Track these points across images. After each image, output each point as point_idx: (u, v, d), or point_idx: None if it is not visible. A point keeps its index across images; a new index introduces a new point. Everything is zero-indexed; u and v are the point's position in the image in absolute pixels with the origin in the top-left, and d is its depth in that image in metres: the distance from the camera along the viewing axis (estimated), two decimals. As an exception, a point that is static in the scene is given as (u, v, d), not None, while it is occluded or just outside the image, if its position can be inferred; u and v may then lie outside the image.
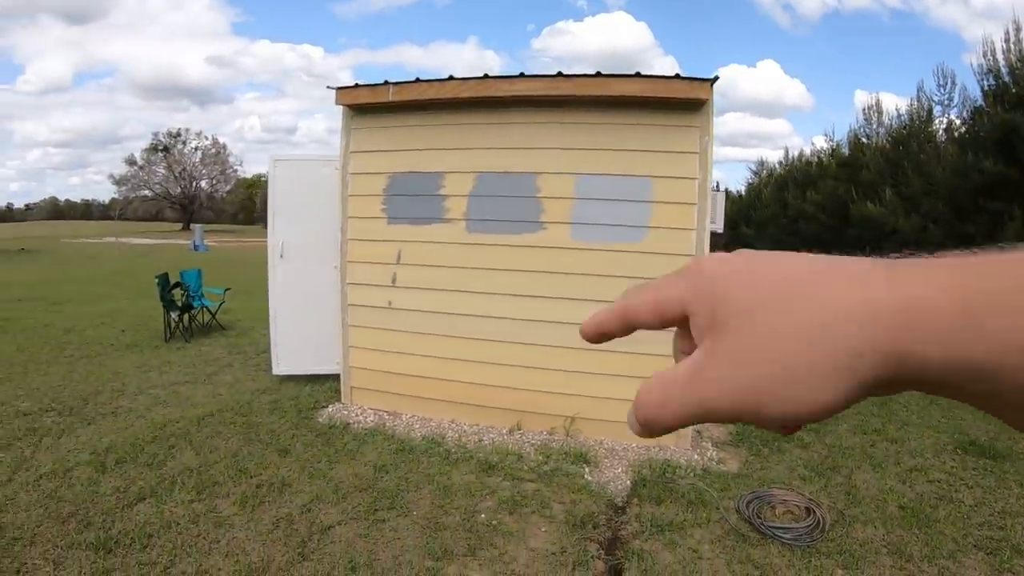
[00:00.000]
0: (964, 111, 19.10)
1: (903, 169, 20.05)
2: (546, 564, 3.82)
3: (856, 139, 25.15)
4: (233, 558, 3.72)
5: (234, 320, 11.46)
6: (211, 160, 69.09)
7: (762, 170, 39.42)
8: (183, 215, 69.03)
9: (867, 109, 25.71)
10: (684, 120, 5.39)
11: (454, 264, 5.96)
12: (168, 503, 4.33)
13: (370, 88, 5.96)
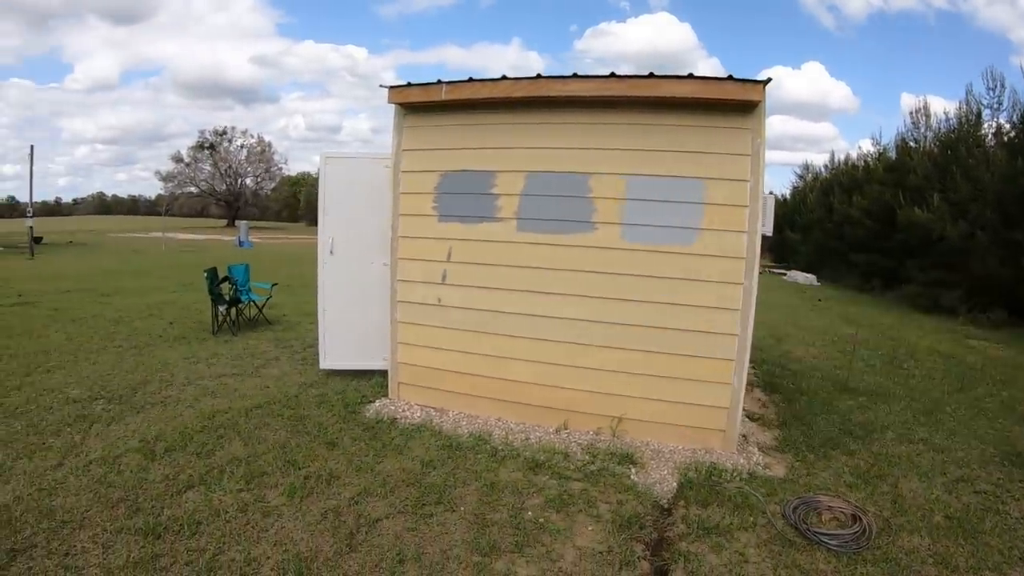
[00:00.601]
0: (1014, 115, 18.66)
1: (951, 174, 19.64)
2: (593, 563, 3.84)
3: (903, 143, 24.71)
4: (281, 547, 3.79)
5: (280, 315, 11.62)
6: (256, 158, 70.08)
7: (807, 174, 39.05)
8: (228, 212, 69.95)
9: (914, 112, 25.24)
10: (736, 122, 5.36)
11: (504, 263, 5.98)
12: (216, 491, 4.43)
13: (422, 87, 6.01)
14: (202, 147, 66.59)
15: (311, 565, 3.64)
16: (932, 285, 19.56)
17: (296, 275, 16.30)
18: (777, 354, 10.60)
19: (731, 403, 5.57)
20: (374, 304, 6.75)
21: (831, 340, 12.35)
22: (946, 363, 10.72)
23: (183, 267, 20.89)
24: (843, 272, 27.72)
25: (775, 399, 7.58)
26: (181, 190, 70.91)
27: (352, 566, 3.66)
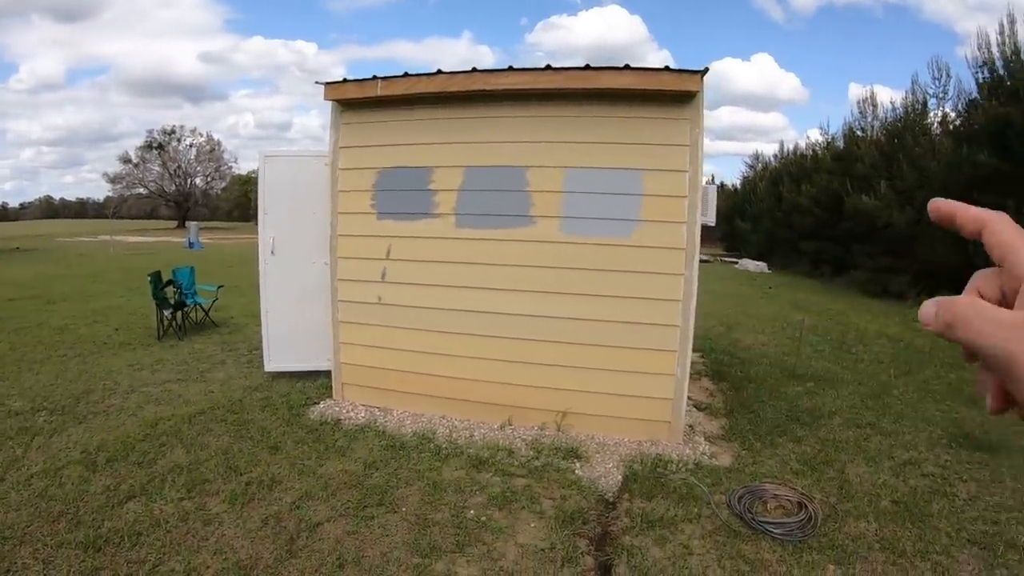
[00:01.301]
0: (959, 104, 19.10)
1: (897, 162, 20.03)
2: (535, 560, 3.80)
3: (851, 132, 25.18)
4: (221, 555, 3.70)
5: (228, 317, 11.41)
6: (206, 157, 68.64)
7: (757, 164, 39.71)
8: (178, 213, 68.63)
9: (862, 102, 25.69)
10: (674, 113, 5.35)
11: (443, 259, 5.92)
12: (158, 501, 4.31)
13: (358, 83, 5.91)
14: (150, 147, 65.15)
15: (251, 573, 3.56)
16: (880, 271, 19.97)
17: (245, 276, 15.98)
18: (726, 342, 10.67)
19: (675, 394, 5.56)
20: (317, 304, 6.64)
21: (780, 327, 12.49)
22: (894, 346, 10.89)
23: (131, 271, 20.42)
24: (793, 259, 28.25)
25: (723, 388, 7.62)
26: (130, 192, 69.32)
27: (292, 572, 3.59)
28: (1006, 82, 15.69)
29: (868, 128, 24.44)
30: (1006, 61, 15.98)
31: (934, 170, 17.94)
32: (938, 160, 17.86)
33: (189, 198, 69.42)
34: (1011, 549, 4.05)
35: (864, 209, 20.27)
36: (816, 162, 27.47)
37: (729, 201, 41.60)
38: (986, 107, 15.67)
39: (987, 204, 2.06)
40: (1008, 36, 15.81)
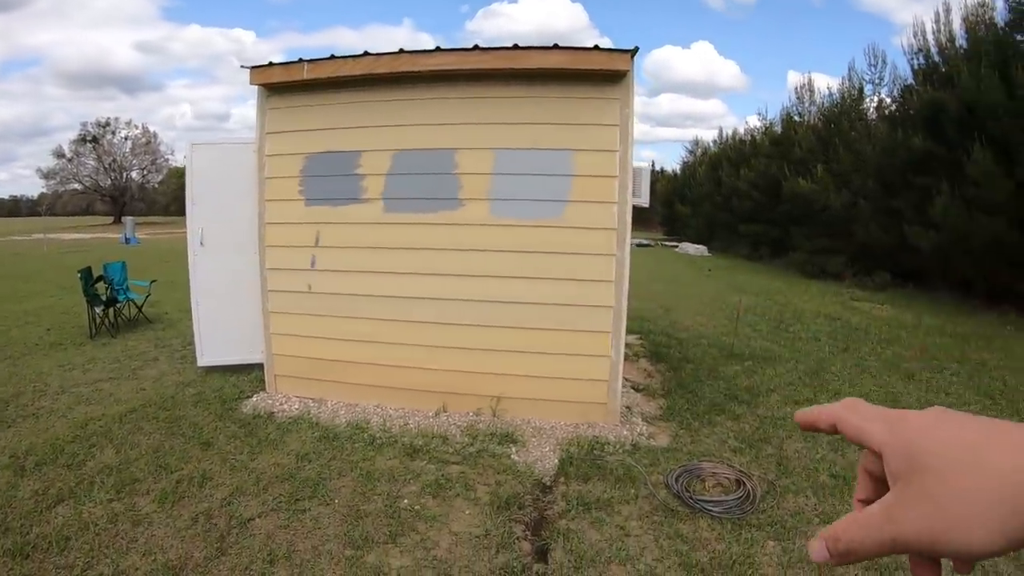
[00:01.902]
0: (894, 90, 19.70)
1: (834, 146, 20.52)
2: (469, 548, 3.75)
3: (788, 118, 25.78)
4: (151, 557, 3.58)
5: (162, 313, 11.13)
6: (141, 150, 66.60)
7: (697, 149, 40.41)
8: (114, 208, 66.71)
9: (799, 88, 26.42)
10: (604, 92, 5.31)
11: (373, 245, 5.81)
12: (87, 504, 4.16)
13: (284, 66, 5.75)
14: (84, 140, 62.97)
15: (180, 573, 3.45)
16: (818, 252, 20.46)
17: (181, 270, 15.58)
18: (665, 324, 10.76)
19: (611, 375, 5.55)
20: (250, 296, 6.46)
21: (719, 308, 12.68)
22: (832, 325, 11.11)
23: (65, 269, 19.76)
24: (733, 242, 28.86)
25: (661, 369, 7.66)
26: (64, 187, 67.05)
27: (222, 571, 3.48)
28: (941, 68, 16.19)
29: (805, 113, 25.07)
30: (941, 48, 16.47)
31: (870, 154, 18.38)
32: (874, 144, 18.31)
33: (125, 192, 67.43)
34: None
35: (801, 192, 20.74)
36: (755, 147, 28.05)
37: (669, 186, 42.30)
38: (921, 92, 16.11)
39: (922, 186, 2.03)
40: (944, 24, 16.34)
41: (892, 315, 12.63)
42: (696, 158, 39.54)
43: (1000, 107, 13.01)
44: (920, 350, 8.71)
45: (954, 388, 7.17)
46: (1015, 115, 12.75)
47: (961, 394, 6.92)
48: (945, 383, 7.37)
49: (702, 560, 3.64)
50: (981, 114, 13.57)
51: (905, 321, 11.86)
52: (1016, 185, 12.79)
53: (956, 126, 14.35)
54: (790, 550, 3.74)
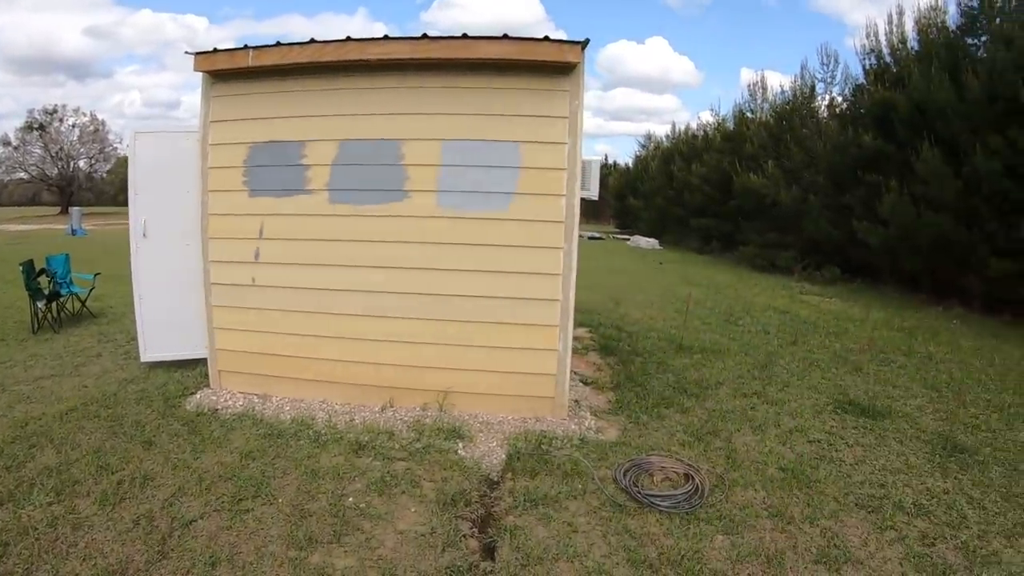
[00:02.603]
0: (846, 89, 20.24)
1: (785, 143, 20.90)
2: (415, 546, 3.69)
3: (741, 114, 26.25)
4: (91, 561, 3.47)
5: (107, 307, 10.82)
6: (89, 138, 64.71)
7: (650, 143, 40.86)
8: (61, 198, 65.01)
9: (752, 85, 26.88)
10: (554, 84, 5.28)
11: (317, 237, 5.71)
12: (26, 507, 4.00)
13: (229, 53, 5.60)
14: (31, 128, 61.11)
15: None
16: (768, 246, 20.85)
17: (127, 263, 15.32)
18: (615, 317, 10.81)
19: (558, 369, 5.54)
20: (194, 288, 6.28)
21: (669, 301, 12.80)
22: (781, 318, 11.26)
23: (8, 262, 19.10)
24: (684, 236, 29.35)
25: (610, 362, 7.68)
26: (9, 176, 65.01)
27: (163, 575, 3.38)
28: (892, 69, 16.67)
29: (758, 110, 25.55)
30: (893, 49, 16.93)
31: (820, 151, 18.77)
32: (824, 142, 18.69)
33: (72, 182, 65.64)
34: (899, 511, 4.19)
35: (752, 187, 21.11)
36: (707, 142, 28.54)
37: (622, 179, 42.73)
38: (872, 92, 16.56)
39: (871, 183, 2.03)
40: (896, 26, 16.83)
41: (840, 309, 12.85)
42: (649, 152, 39.99)
43: (949, 108, 13.39)
44: (868, 343, 8.86)
45: (901, 381, 7.29)
46: (964, 116, 13.12)
47: (908, 387, 7.04)
48: (892, 376, 7.50)
49: (651, 555, 3.63)
50: (931, 114, 13.95)
51: (853, 315, 12.08)
52: (963, 184, 13.15)
53: (906, 125, 14.73)
54: (739, 544, 3.76)
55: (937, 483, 4.61)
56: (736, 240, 23.66)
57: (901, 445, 5.30)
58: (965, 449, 5.21)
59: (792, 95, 22.73)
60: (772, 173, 20.51)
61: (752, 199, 21.48)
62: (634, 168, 42.49)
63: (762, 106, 25.27)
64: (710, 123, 30.09)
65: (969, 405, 6.42)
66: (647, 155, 39.73)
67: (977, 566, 3.60)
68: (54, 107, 62.91)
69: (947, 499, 4.36)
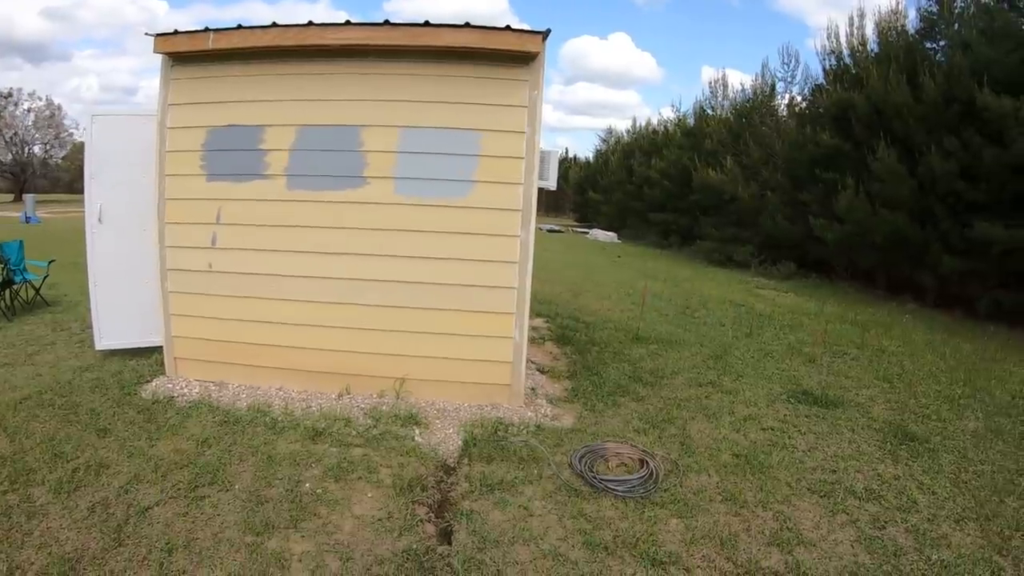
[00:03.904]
0: (805, 88, 20.65)
1: (744, 140, 21.22)
2: (372, 531, 3.72)
3: (701, 111, 26.62)
4: (46, 549, 3.42)
5: (61, 295, 10.61)
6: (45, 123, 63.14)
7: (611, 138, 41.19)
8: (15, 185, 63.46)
9: (713, 83, 27.34)
10: (514, 73, 5.31)
11: (275, 222, 5.68)
12: None
13: (189, 35, 5.54)
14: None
15: (76, 566, 3.30)
16: (726, 241, 21.19)
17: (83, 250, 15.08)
18: (572, 308, 10.89)
19: (514, 357, 5.60)
20: (150, 275, 6.20)
21: (627, 293, 12.92)
22: (736, 311, 11.44)
23: (-44, 248, 18.83)
24: (643, 230, 29.68)
25: (567, 351, 7.75)
26: (-38, 162, 63.71)
27: (119, 562, 3.34)
28: (851, 70, 17.07)
29: (718, 107, 25.93)
30: (853, 50, 17.32)
31: (779, 148, 19.09)
32: (783, 139, 19.02)
33: (27, 168, 64.07)
34: (850, 495, 4.30)
35: (711, 183, 21.42)
36: (667, 138, 28.97)
37: (582, 173, 42.95)
38: (831, 92, 16.91)
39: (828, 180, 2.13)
40: (857, 28, 17.25)
41: (796, 303, 13.10)
42: (610, 146, 40.33)
43: (906, 109, 13.70)
44: (822, 336, 9.03)
45: (854, 372, 7.46)
46: (920, 117, 13.46)
47: (861, 378, 7.21)
48: (845, 367, 7.67)
49: (606, 538, 3.70)
50: (888, 115, 14.30)
51: (808, 309, 12.31)
52: (918, 183, 13.49)
53: (863, 125, 15.08)
54: (693, 527, 3.84)
55: (888, 469, 4.74)
56: (695, 235, 23.98)
57: (853, 433, 5.44)
58: (916, 437, 5.36)
59: (752, 93, 23.09)
60: (731, 169, 20.80)
61: (711, 195, 21.78)
62: (594, 162, 42.81)
63: (723, 103, 25.63)
64: (671, 119, 30.52)
65: (920, 396, 6.59)
66: (608, 149, 40.07)
67: (927, 548, 3.71)
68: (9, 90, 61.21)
69: (898, 484, 4.49)
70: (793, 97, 21.63)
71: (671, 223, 26.48)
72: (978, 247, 12.27)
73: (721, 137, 22.75)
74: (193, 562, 3.37)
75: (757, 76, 23.04)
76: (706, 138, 23.66)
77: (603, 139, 42.78)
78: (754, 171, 20.28)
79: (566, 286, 13.16)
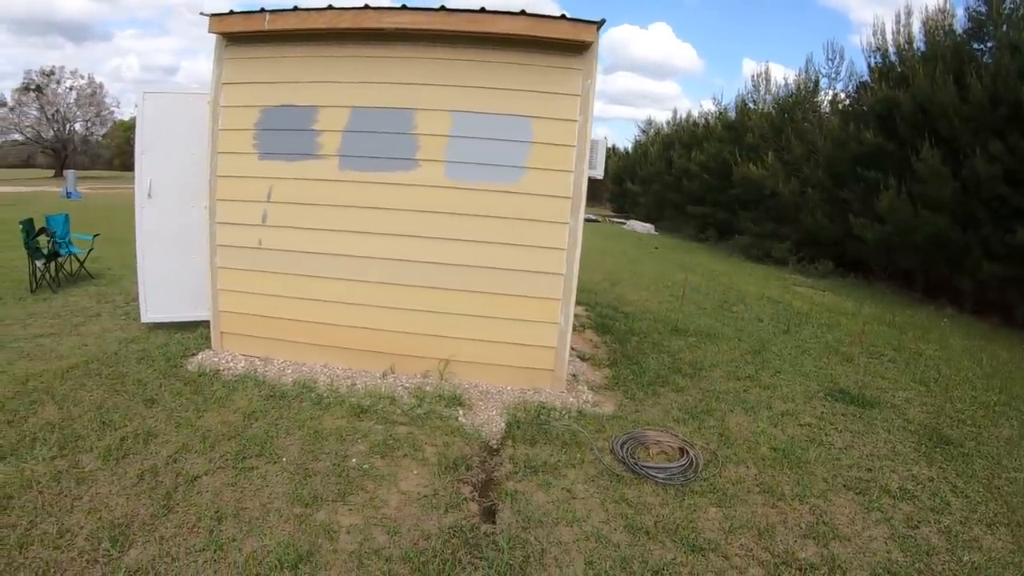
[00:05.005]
0: (850, 85, 20.26)
1: (786, 135, 20.91)
2: (418, 507, 3.77)
3: (743, 104, 26.23)
4: (95, 514, 3.50)
5: (104, 268, 10.81)
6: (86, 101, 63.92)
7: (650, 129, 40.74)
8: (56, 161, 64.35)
9: (756, 76, 26.90)
10: (567, 62, 5.33)
11: (326, 202, 5.76)
12: (29, 461, 4.02)
13: (245, 15, 5.61)
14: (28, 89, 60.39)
15: (126, 531, 3.37)
16: (764, 237, 20.93)
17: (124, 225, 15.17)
18: (611, 297, 10.91)
19: (559, 342, 5.63)
20: (197, 250, 6.33)
21: (665, 285, 12.88)
22: (774, 307, 11.35)
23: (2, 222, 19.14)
24: (681, 223, 29.37)
25: (607, 340, 7.77)
26: (4, 137, 64.17)
27: (169, 528, 3.42)
28: (897, 68, 16.73)
29: (760, 102, 25.53)
30: (899, 49, 16.98)
31: (821, 145, 18.81)
32: (825, 136, 18.73)
33: (68, 145, 65.00)
34: (885, 494, 4.29)
35: (752, 177, 21.15)
36: (708, 130, 28.55)
37: (620, 163, 42.57)
38: (876, 90, 16.60)
39: (870, 179, 2.12)
40: (904, 26, 16.90)
41: (833, 302, 12.96)
42: (649, 137, 39.88)
43: (952, 109, 13.44)
44: (859, 336, 8.95)
45: (891, 374, 7.39)
46: (966, 118, 13.21)
47: (897, 379, 7.14)
48: (882, 369, 7.60)
49: (647, 523, 3.74)
50: (933, 115, 14.04)
51: (846, 308, 12.19)
52: (961, 186, 13.26)
53: (908, 124, 14.82)
54: (732, 516, 3.87)
55: (922, 471, 4.72)
56: (732, 229, 23.75)
57: (888, 433, 5.41)
58: (950, 441, 5.32)
59: (796, 88, 22.78)
60: (772, 165, 20.56)
61: (751, 189, 21.54)
62: (633, 152, 42.39)
63: (765, 97, 25.28)
64: (711, 111, 30.16)
65: (956, 401, 6.52)
66: (647, 140, 39.63)
67: (959, 549, 3.70)
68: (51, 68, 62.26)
69: (931, 486, 4.47)
70: (837, 94, 21.33)
71: (709, 216, 26.24)
72: (1019, 253, 12.07)
73: (763, 131, 22.45)
74: (243, 531, 3.44)
75: (800, 71, 22.86)
76: (747, 132, 23.35)
77: (643, 130, 42.37)
78: (795, 167, 20.03)
79: (604, 275, 13.15)
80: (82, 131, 67.01)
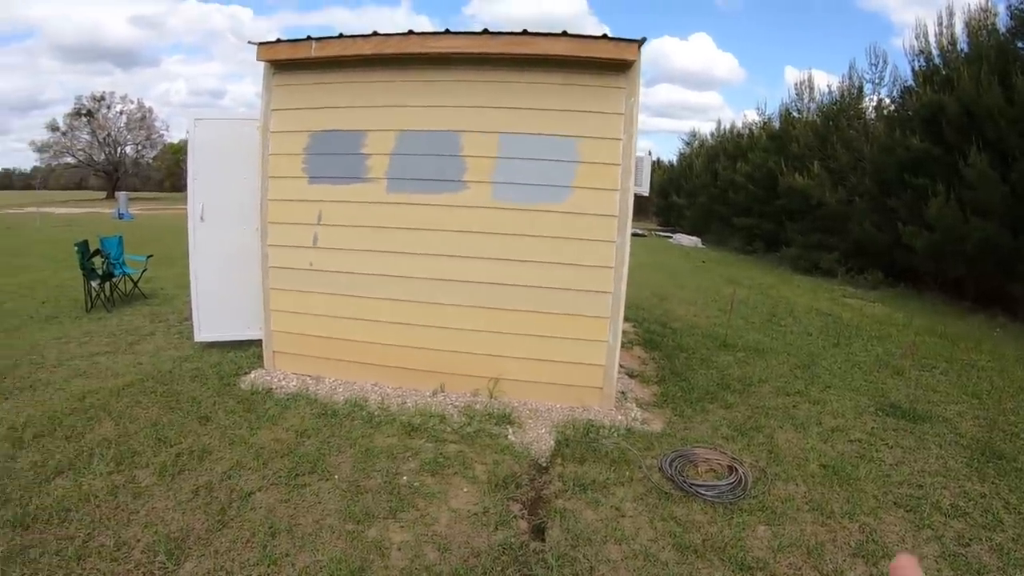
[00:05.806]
0: (894, 90, 19.83)
1: (831, 144, 20.60)
2: (468, 524, 3.80)
3: (787, 113, 25.92)
4: (152, 528, 3.60)
5: (157, 288, 11.10)
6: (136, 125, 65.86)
7: (694, 141, 40.49)
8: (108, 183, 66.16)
9: (799, 84, 26.59)
10: (610, 81, 5.35)
11: (375, 224, 5.85)
12: (86, 476, 4.16)
13: (292, 43, 5.75)
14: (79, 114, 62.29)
15: (182, 544, 3.47)
16: (812, 248, 20.58)
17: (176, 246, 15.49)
18: (659, 313, 10.85)
19: (607, 360, 5.63)
20: (249, 272, 6.48)
21: (712, 299, 12.76)
22: (823, 320, 11.19)
23: (58, 243, 19.66)
24: (727, 235, 29.03)
25: (655, 356, 7.74)
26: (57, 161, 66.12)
27: (224, 543, 3.51)
28: (941, 71, 16.31)
29: (804, 110, 25.19)
30: (942, 51, 16.61)
31: (867, 152, 18.50)
32: (871, 143, 18.42)
33: (119, 167, 66.87)
34: (936, 511, 4.20)
35: (798, 188, 20.85)
36: (752, 141, 28.23)
37: (665, 176, 42.38)
38: (920, 94, 16.24)
39: (918, 186, 2.11)
40: (946, 27, 16.49)
41: (883, 313, 12.73)
42: (693, 149, 39.60)
43: (998, 111, 13.12)
44: (910, 348, 8.78)
45: (942, 387, 7.24)
46: (1013, 120, 12.86)
47: (949, 392, 6.99)
48: (934, 382, 7.44)
49: (695, 541, 3.71)
50: (980, 118, 13.68)
51: (896, 320, 11.96)
52: (1011, 190, 12.91)
53: (954, 128, 14.48)
54: (780, 535, 3.82)
55: (974, 487, 4.62)
56: (779, 240, 23.43)
57: (940, 449, 5.30)
58: (1003, 455, 5.19)
59: (839, 95, 22.44)
60: (818, 174, 20.28)
61: (797, 200, 21.25)
62: (678, 165, 42.19)
63: (808, 106, 24.95)
64: (755, 121, 29.89)
65: (1009, 413, 6.34)
66: (692, 152, 39.41)
67: (1011, 568, 3.62)
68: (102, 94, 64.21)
69: (984, 503, 4.37)
70: (881, 99, 20.92)
71: (755, 228, 25.95)
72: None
73: (808, 140, 22.13)
74: (296, 546, 3.51)
75: (844, 77, 22.37)
76: (792, 141, 23.04)
77: (687, 142, 42.15)
78: (841, 176, 19.72)
79: (651, 290, 13.12)
80: (133, 154, 68.87)
